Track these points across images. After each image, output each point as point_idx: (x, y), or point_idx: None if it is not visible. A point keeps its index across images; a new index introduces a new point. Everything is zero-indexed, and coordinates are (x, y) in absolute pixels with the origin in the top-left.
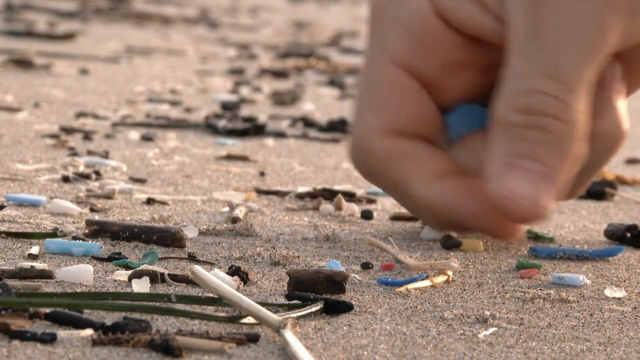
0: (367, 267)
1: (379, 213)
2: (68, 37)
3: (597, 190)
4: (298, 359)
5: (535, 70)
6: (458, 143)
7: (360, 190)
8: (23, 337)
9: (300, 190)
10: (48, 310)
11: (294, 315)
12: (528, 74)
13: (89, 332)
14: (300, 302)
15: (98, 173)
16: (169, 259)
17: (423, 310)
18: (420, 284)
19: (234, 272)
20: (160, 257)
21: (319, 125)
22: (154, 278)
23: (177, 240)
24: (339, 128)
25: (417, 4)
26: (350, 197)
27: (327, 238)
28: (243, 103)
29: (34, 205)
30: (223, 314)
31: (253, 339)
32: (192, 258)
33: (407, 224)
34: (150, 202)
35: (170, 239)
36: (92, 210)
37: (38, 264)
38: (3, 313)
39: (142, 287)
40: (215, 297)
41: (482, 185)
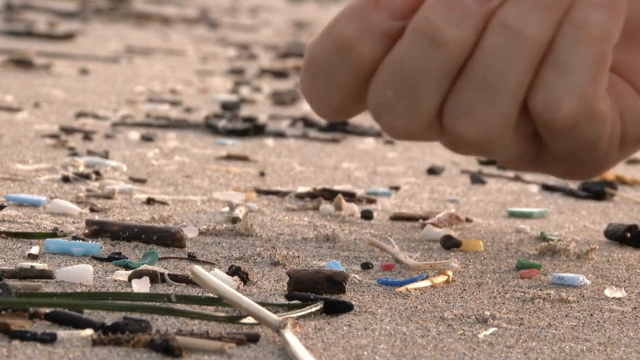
0: (367, 267)
1: (379, 213)
2: (68, 37)
3: (597, 190)
4: (298, 359)
5: None
6: None
7: (360, 190)
8: (23, 337)
9: (300, 190)
10: (48, 310)
11: (294, 315)
12: None
13: (89, 332)
14: (300, 302)
15: (98, 173)
16: (169, 259)
17: (423, 310)
18: (420, 284)
19: (234, 272)
20: (160, 257)
21: (319, 125)
22: (154, 278)
23: (177, 240)
24: (339, 128)
25: None
26: (350, 197)
27: (327, 238)
28: (243, 103)
29: (34, 206)
30: (223, 314)
31: (253, 339)
32: (192, 258)
33: (407, 224)
34: (150, 202)
35: (170, 239)
36: (92, 210)
37: (38, 264)
38: (3, 313)
39: (142, 287)
40: (215, 297)
41: None
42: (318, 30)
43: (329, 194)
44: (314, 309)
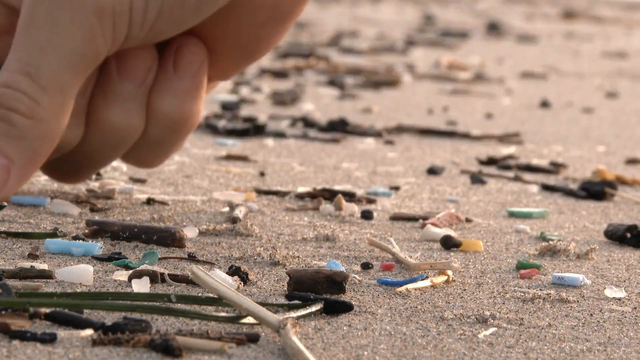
0: (367, 267)
1: (379, 213)
2: None
3: (597, 191)
4: (298, 359)
5: (16, 67)
6: None
7: (360, 190)
8: (23, 337)
9: (300, 191)
10: (48, 310)
11: (294, 315)
12: (9, 69)
13: (89, 332)
14: (300, 302)
15: (98, 173)
16: (169, 259)
17: (423, 310)
18: (420, 284)
19: (234, 272)
20: (160, 257)
21: (319, 125)
22: (154, 278)
23: (177, 240)
24: (339, 128)
25: None
26: (350, 197)
27: (327, 238)
28: (243, 103)
29: (35, 206)
30: (223, 314)
31: (253, 339)
32: (192, 258)
33: (407, 224)
34: (150, 202)
35: (170, 239)
36: (92, 210)
37: (38, 264)
38: (3, 313)
39: (142, 287)
40: (215, 297)
41: None
42: (318, 30)
43: (329, 194)
44: (314, 309)
